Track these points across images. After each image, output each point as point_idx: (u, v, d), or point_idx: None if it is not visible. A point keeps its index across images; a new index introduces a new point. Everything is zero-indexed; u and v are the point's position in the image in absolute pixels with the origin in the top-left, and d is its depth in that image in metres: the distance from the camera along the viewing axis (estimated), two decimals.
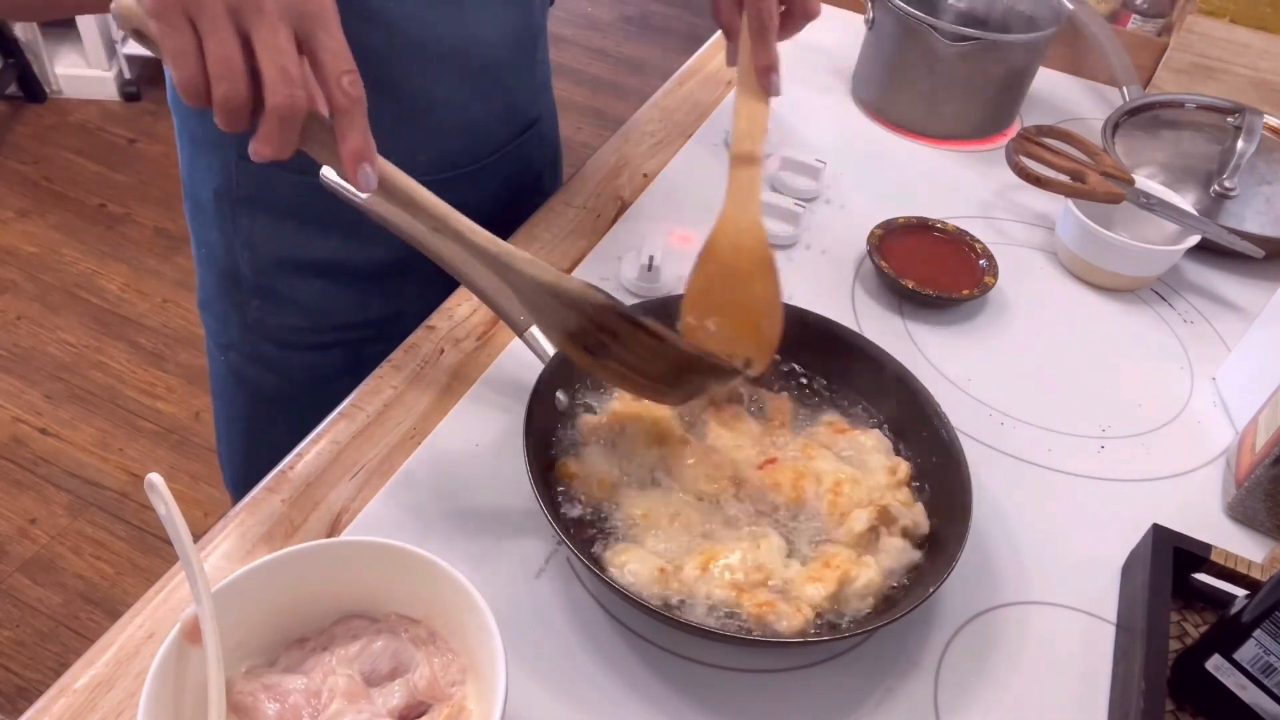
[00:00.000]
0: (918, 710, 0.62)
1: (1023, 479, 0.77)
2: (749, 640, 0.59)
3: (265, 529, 0.67)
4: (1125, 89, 1.18)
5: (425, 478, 0.71)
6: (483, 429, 0.74)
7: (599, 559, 0.63)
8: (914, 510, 0.68)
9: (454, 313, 0.84)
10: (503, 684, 0.50)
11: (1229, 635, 0.60)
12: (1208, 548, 0.67)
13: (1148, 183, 0.97)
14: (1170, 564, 0.66)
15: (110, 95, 2.87)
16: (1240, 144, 1.05)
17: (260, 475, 0.70)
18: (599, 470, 0.68)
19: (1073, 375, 0.87)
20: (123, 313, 2.29)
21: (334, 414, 0.75)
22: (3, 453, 1.97)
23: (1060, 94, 1.24)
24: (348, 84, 0.51)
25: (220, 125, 0.50)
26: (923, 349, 0.87)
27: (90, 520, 1.87)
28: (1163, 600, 0.64)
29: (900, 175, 1.08)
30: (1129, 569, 0.70)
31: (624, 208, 0.97)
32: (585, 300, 0.58)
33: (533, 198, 1.00)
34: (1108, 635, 0.68)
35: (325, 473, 0.71)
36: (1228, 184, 1.02)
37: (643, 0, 3.68)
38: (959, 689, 0.63)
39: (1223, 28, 1.27)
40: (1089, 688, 0.64)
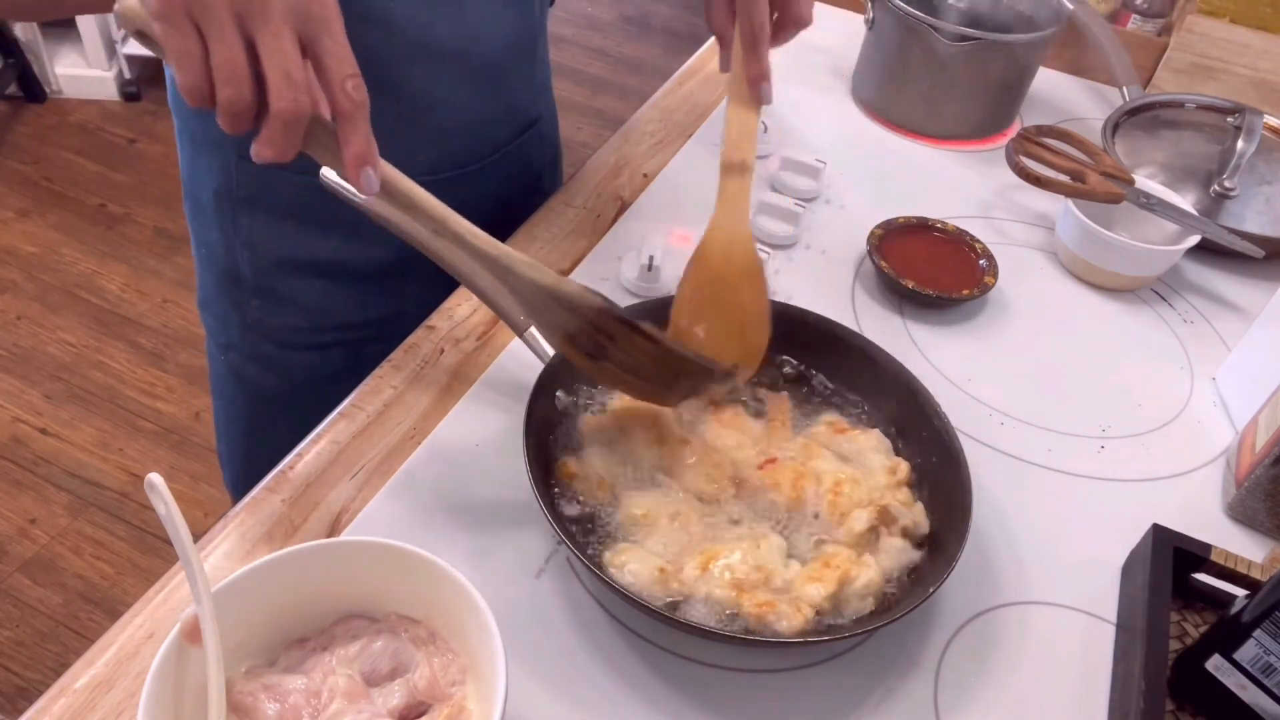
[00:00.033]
0: (918, 710, 0.62)
1: (1022, 479, 0.77)
2: (749, 640, 0.59)
3: (265, 529, 0.67)
4: (1125, 89, 1.18)
5: (425, 478, 0.71)
6: (483, 429, 0.74)
7: (599, 559, 0.63)
8: (914, 510, 0.68)
9: (454, 313, 0.84)
10: (503, 684, 0.50)
11: (1229, 635, 0.60)
12: (1208, 548, 0.67)
13: (1148, 183, 0.97)
14: (1170, 564, 0.66)
15: (110, 95, 2.87)
16: (1240, 144, 1.05)
17: (260, 475, 0.70)
18: (599, 470, 0.68)
19: (1073, 375, 0.87)
20: (123, 313, 2.29)
21: (334, 414, 0.75)
22: (3, 453, 1.97)
23: (1060, 94, 1.24)
24: (351, 88, 0.51)
25: (223, 128, 0.50)
26: (923, 349, 0.87)
27: (90, 520, 1.87)
28: (1163, 600, 0.64)
29: (900, 175, 1.08)
30: (1129, 569, 0.70)
31: (624, 208, 0.97)
32: (583, 303, 0.59)
33: (533, 198, 1.00)
34: (1108, 635, 0.68)
35: (325, 473, 0.71)
36: (1228, 184, 1.02)
37: (643, 0, 3.68)
38: (959, 689, 0.63)
39: (1223, 28, 1.28)
40: (1089, 688, 0.64)
